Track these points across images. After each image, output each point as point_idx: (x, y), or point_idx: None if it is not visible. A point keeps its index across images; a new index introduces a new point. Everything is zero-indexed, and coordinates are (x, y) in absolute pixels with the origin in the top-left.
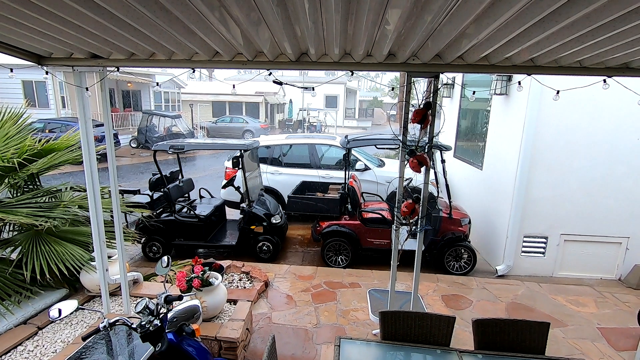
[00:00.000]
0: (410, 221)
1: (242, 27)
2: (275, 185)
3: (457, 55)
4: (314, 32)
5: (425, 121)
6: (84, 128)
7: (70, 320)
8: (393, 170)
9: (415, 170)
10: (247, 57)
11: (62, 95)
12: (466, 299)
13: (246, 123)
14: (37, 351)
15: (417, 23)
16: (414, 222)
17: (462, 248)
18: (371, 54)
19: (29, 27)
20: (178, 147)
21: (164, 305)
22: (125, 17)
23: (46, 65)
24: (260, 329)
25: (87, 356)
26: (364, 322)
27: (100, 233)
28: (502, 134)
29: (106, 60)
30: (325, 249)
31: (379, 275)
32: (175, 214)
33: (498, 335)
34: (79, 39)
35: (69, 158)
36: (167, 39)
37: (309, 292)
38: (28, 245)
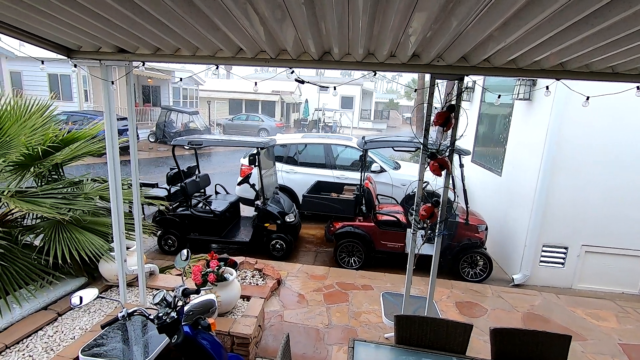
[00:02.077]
0: (427, 225)
1: (267, 24)
2: (290, 184)
3: (484, 58)
4: (338, 31)
5: (448, 124)
6: (108, 121)
7: (88, 309)
8: (409, 173)
9: (435, 174)
10: (270, 55)
11: (85, 89)
12: (481, 306)
13: (262, 121)
14: (57, 337)
15: (444, 26)
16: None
17: (478, 255)
18: (395, 55)
19: (61, 21)
20: (196, 143)
21: (182, 298)
22: (154, 12)
23: (75, 58)
24: (272, 326)
25: (104, 344)
26: (375, 325)
27: (120, 224)
28: (523, 140)
29: (132, 55)
30: (338, 249)
31: (392, 279)
32: (191, 209)
33: (516, 346)
34: (108, 33)
35: (92, 149)
36: (193, 34)
37: (321, 292)
38: (51, 233)
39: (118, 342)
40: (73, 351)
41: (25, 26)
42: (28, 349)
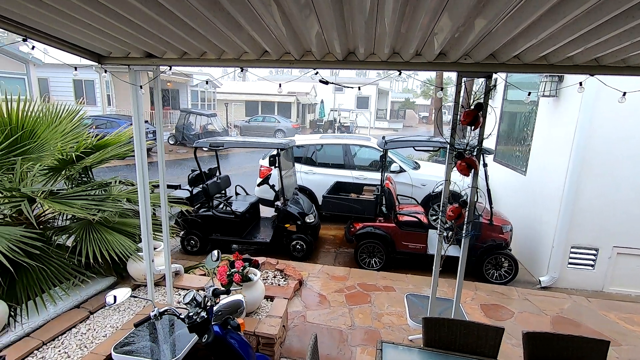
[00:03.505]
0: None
1: (294, 25)
2: (308, 185)
3: (513, 55)
4: (365, 31)
5: (476, 123)
6: (137, 124)
7: (118, 307)
8: (429, 172)
9: (463, 174)
10: (295, 57)
11: (108, 94)
12: (507, 309)
13: (278, 122)
14: (89, 334)
15: (474, 24)
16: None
17: (502, 256)
18: (420, 54)
19: (94, 27)
20: (218, 145)
21: (212, 298)
22: (181, 14)
23: (105, 64)
24: (295, 327)
25: (135, 342)
26: (399, 326)
27: (148, 225)
28: (549, 138)
29: (160, 60)
30: (359, 250)
31: (414, 280)
32: (213, 210)
33: (550, 351)
34: (136, 38)
35: (118, 153)
36: (219, 37)
37: (342, 293)
38: (81, 233)
39: (148, 340)
40: (105, 349)
41: (61, 34)
42: (63, 346)
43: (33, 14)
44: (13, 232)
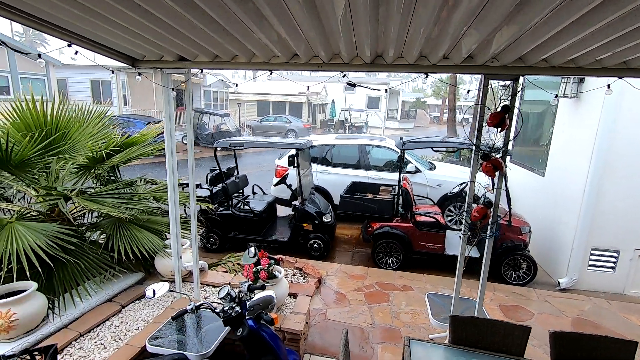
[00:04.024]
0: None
1: (326, 28)
2: (324, 185)
3: (542, 58)
4: (396, 35)
5: (503, 125)
6: (168, 125)
7: (148, 302)
8: (444, 173)
9: (489, 175)
10: (323, 60)
11: (124, 94)
12: (526, 310)
13: (289, 122)
14: (123, 327)
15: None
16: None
17: (521, 257)
18: (448, 57)
19: (132, 31)
20: (238, 144)
21: (247, 293)
22: (218, 17)
23: (139, 67)
24: (317, 324)
25: (167, 335)
26: (419, 325)
27: (177, 222)
28: (569, 140)
29: (191, 63)
30: (376, 250)
31: (431, 280)
32: (232, 209)
33: (578, 351)
34: (172, 42)
35: (144, 152)
36: (251, 39)
37: (361, 292)
38: (112, 230)
39: (179, 334)
40: (140, 341)
41: (101, 39)
42: (99, 338)
43: (78, 20)
44: (50, 229)
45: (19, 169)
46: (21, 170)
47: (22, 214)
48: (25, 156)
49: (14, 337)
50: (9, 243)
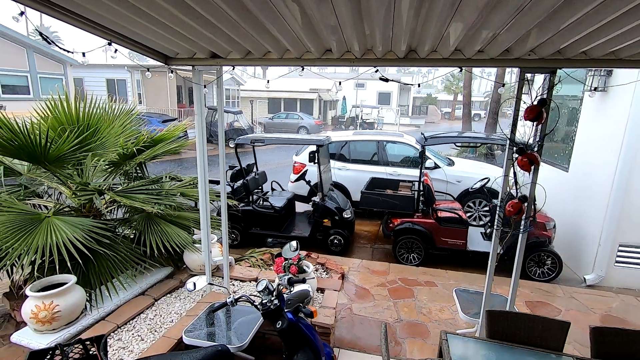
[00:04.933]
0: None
1: (367, 23)
2: (341, 181)
3: (581, 50)
4: (436, 30)
5: (540, 119)
6: (199, 121)
7: (179, 295)
8: (463, 169)
9: (524, 169)
10: (356, 55)
11: (139, 92)
12: (553, 307)
13: (301, 119)
14: (157, 320)
15: (550, 23)
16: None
17: (545, 253)
18: (483, 51)
19: (169, 27)
20: (258, 141)
21: (287, 286)
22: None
23: (171, 64)
24: (343, 318)
25: (202, 328)
26: (445, 321)
27: (207, 218)
28: (595, 134)
29: (223, 60)
30: (397, 246)
31: (454, 276)
32: (253, 205)
33: (618, 346)
34: (206, 38)
35: (170, 149)
36: (288, 35)
37: (385, 287)
38: (143, 225)
39: (213, 326)
40: (176, 333)
41: (137, 36)
42: (135, 330)
43: (120, 18)
44: (85, 223)
45: (54, 164)
46: (56, 166)
47: (58, 209)
48: (61, 152)
49: (57, 328)
50: (48, 236)
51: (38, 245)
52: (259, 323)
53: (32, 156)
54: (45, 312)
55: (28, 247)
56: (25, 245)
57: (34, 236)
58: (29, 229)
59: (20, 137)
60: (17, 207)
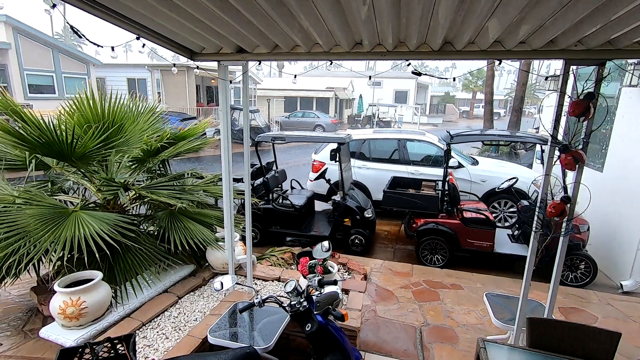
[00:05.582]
0: (553, 224)
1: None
2: (361, 180)
3: (636, 40)
4: (478, 21)
5: (587, 114)
6: (224, 118)
7: (202, 293)
8: (488, 168)
9: (568, 168)
10: (387, 48)
11: (159, 91)
12: (588, 313)
13: (317, 118)
14: (181, 318)
15: (602, 12)
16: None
17: (579, 257)
18: (525, 42)
19: (197, 20)
20: (279, 138)
21: (317, 287)
22: (295, 1)
23: (197, 59)
24: (367, 320)
25: (226, 328)
26: (474, 326)
27: (231, 215)
28: (634, 133)
29: (250, 55)
30: (420, 247)
31: (480, 279)
32: (273, 203)
33: None
34: (234, 31)
35: (192, 146)
36: (319, 27)
37: (409, 289)
38: (166, 222)
39: (238, 326)
40: (200, 332)
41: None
42: (160, 327)
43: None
44: (111, 217)
45: (80, 160)
46: (82, 162)
47: (84, 205)
48: (87, 148)
49: (83, 325)
50: (76, 229)
51: (66, 237)
52: (284, 324)
53: (59, 153)
54: (72, 308)
55: (57, 239)
56: (54, 237)
57: (62, 229)
58: (58, 222)
59: (48, 134)
60: (47, 201)
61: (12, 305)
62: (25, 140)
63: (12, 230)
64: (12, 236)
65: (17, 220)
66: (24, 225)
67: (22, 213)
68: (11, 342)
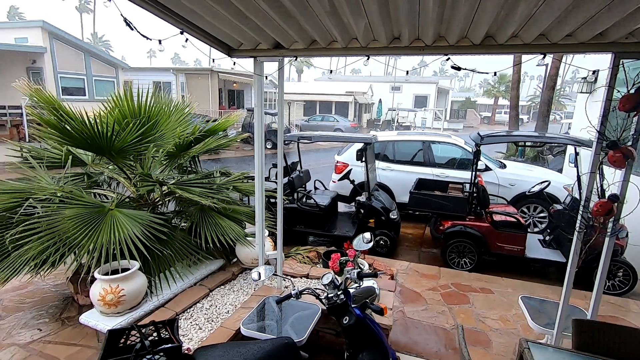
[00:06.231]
0: (599, 224)
1: (448, 8)
2: (385, 182)
3: None
4: (526, 11)
5: (638, 109)
6: (258, 114)
7: (232, 287)
8: (516, 172)
9: (617, 166)
10: (426, 42)
11: (183, 95)
12: (629, 323)
13: (336, 122)
14: (213, 310)
15: None
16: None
17: (617, 264)
18: (572, 34)
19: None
20: (306, 138)
21: (356, 280)
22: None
23: (233, 56)
24: (396, 321)
25: (259, 320)
26: (507, 330)
27: (262, 211)
28: None
29: (286, 50)
30: (447, 249)
31: (511, 284)
32: (298, 202)
33: None
34: (273, 25)
35: (221, 144)
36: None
37: (437, 292)
38: (198, 218)
39: (270, 319)
40: (232, 324)
41: (206, 25)
42: (193, 318)
43: (195, 2)
44: (144, 216)
45: (118, 154)
46: (119, 156)
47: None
48: (125, 143)
49: (121, 312)
50: (111, 234)
51: (103, 243)
52: (316, 319)
53: (98, 147)
54: (112, 295)
55: (94, 244)
56: (91, 242)
57: (99, 232)
58: (95, 224)
59: (90, 128)
60: (84, 199)
61: (48, 294)
62: (70, 135)
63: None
64: (50, 239)
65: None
66: (62, 228)
67: (60, 215)
68: (50, 328)
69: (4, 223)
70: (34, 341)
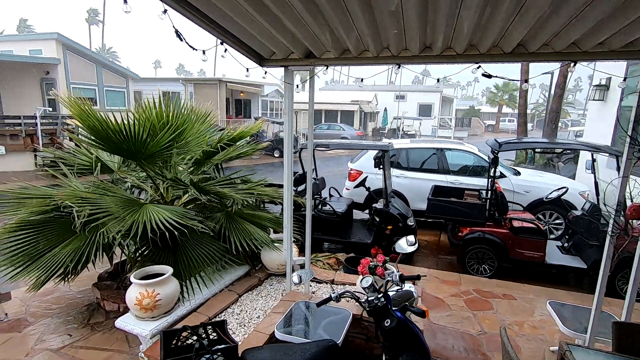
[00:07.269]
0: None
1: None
2: (399, 189)
3: None
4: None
5: None
6: (287, 123)
7: (260, 292)
8: (531, 179)
9: None
10: (457, 51)
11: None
12: None
13: (342, 130)
14: (243, 315)
15: None
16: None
17: None
18: (604, 43)
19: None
20: (323, 146)
21: (399, 283)
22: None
23: (265, 65)
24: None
25: (292, 325)
26: (534, 336)
27: (290, 217)
28: None
29: (317, 60)
30: (467, 256)
31: (533, 290)
32: (315, 209)
33: None
34: (307, 33)
35: (245, 151)
36: (395, 20)
37: (459, 298)
38: (225, 222)
39: (303, 324)
40: (265, 328)
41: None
42: None
43: (236, 12)
44: (179, 210)
45: (147, 160)
46: (149, 162)
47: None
48: (157, 148)
49: (156, 316)
50: (152, 215)
51: (145, 220)
52: (348, 323)
53: (130, 151)
54: (148, 300)
55: (136, 220)
56: (133, 217)
57: (139, 212)
58: (133, 209)
59: (124, 132)
60: (120, 192)
61: (73, 300)
62: (107, 139)
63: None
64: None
65: (99, 203)
66: (106, 207)
67: (103, 198)
68: (79, 333)
69: (36, 226)
70: (65, 346)
